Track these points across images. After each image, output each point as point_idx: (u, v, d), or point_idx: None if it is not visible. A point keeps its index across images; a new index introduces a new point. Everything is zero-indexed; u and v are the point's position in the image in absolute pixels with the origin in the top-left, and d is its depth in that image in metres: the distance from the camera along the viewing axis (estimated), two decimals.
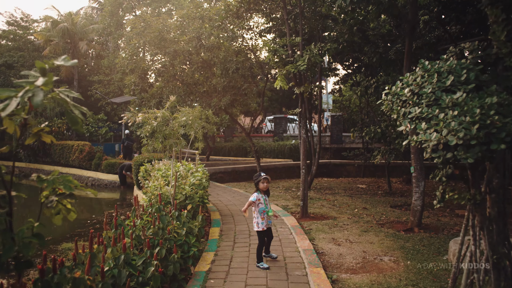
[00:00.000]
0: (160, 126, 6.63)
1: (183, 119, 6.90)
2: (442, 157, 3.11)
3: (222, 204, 10.98)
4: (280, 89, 9.31)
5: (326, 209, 10.85)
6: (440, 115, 3.25)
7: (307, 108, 10.01)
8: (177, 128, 6.96)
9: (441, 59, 3.91)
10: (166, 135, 6.69)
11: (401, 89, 3.82)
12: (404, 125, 3.54)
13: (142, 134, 6.79)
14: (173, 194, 6.93)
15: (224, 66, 15.12)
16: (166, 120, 6.85)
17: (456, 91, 3.44)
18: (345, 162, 20.99)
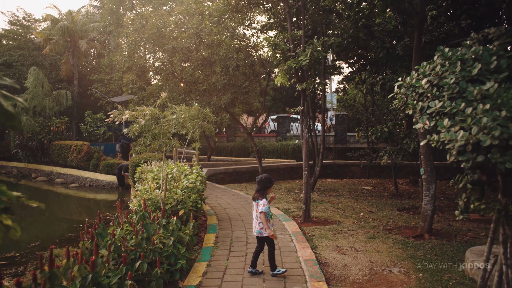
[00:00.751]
0: (148, 125, 6.09)
1: (173, 117, 6.35)
2: (471, 160, 2.54)
3: (220, 208, 10.44)
4: (283, 88, 8.82)
5: (330, 212, 10.29)
6: (467, 109, 2.68)
7: (309, 106, 9.44)
8: (168, 127, 6.42)
9: (464, 45, 3.33)
10: (156, 134, 6.15)
11: (417, 80, 3.26)
12: (422, 122, 2.98)
13: (130, 133, 6.26)
14: (163, 198, 6.39)
15: (224, 64, 14.58)
16: (156, 118, 6.31)
17: (485, 81, 2.87)
18: (350, 163, 20.40)
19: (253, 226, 5.60)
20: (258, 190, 5.58)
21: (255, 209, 5.55)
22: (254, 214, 5.59)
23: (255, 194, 5.59)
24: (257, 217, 5.50)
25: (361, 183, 17.28)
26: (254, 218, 5.59)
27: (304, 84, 8.94)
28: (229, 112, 16.03)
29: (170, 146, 6.40)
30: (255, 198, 5.56)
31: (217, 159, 25.04)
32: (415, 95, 3.20)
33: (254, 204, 5.58)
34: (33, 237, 11.01)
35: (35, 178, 24.27)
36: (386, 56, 10.72)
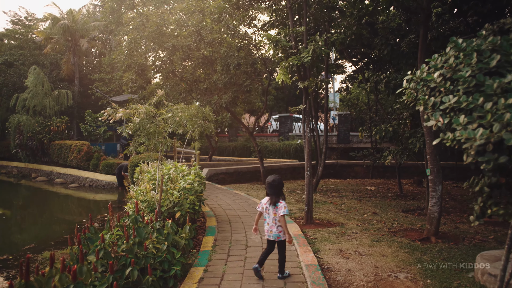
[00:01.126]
0: (143, 124, 5.82)
1: (169, 115, 6.08)
2: (492, 161, 2.27)
3: (220, 209, 10.17)
4: (286, 87, 8.57)
5: (332, 214, 10.01)
6: (486, 104, 2.41)
7: (312, 104, 9.17)
8: (164, 125, 6.15)
9: (479, 36, 3.05)
10: (150, 133, 5.88)
11: (428, 73, 2.98)
12: (435, 119, 2.70)
13: (124, 132, 6.00)
14: (159, 200, 6.13)
15: (225, 62, 14.30)
16: (151, 116, 6.04)
17: (505, 73, 2.59)
18: (353, 163, 20.11)
19: (267, 230, 5.41)
20: (274, 194, 5.39)
21: (272, 213, 5.34)
22: (269, 219, 5.38)
23: (273, 198, 5.37)
24: (274, 221, 5.33)
25: (365, 183, 17.00)
26: (269, 222, 5.39)
27: (306, 82, 8.67)
28: (230, 111, 15.76)
29: (166, 145, 6.14)
30: (274, 202, 5.35)
31: (219, 159, 24.79)
32: (426, 89, 2.93)
33: (271, 208, 5.36)
34: (29, 239, 10.78)
35: (35, 178, 24.07)
36: (391, 53, 10.43)
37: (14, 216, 14.96)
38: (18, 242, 10.28)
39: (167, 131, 6.30)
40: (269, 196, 5.42)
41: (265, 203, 5.45)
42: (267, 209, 5.40)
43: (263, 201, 5.53)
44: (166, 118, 6.04)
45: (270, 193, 5.40)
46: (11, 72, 30.07)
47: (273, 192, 5.38)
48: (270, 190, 5.40)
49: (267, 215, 5.40)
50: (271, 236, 5.35)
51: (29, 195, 20.18)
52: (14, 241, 10.87)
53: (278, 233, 5.31)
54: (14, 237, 11.43)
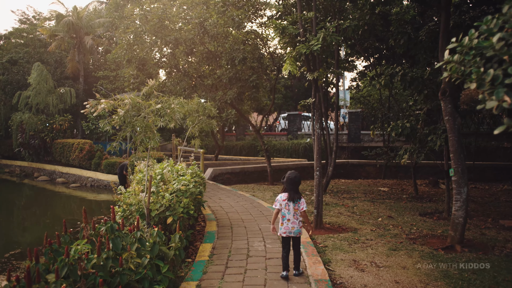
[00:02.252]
0: (128, 117, 5.09)
1: (157, 106, 5.34)
2: None
3: (223, 212, 9.42)
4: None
5: (344, 217, 9.22)
6: None
7: (322, 98, 8.38)
8: (154, 119, 5.41)
9: None
10: (137, 127, 5.15)
11: (482, 40, 2.19)
12: (497, 97, 1.92)
13: (107, 127, 5.28)
14: (147, 204, 5.39)
15: (230, 56, 13.57)
16: (138, 108, 5.30)
17: None
18: (364, 162, 19.27)
19: (288, 227, 5.25)
20: (293, 190, 5.33)
21: (293, 209, 5.27)
22: (290, 215, 5.26)
23: (292, 194, 5.30)
24: (296, 216, 5.27)
25: (377, 184, 16.16)
26: (289, 218, 5.26)
27: (315, 73, 7.89)
28: (235, 107, 15.01)
29: (155, 141, 5.39)
30: (294, 199, 5.28)
31: (225, 158, 24.08)
32: (480, 60, 2.15)
33: (292, 204, 5.28)
34: (16, 242, 10.13)
35: (37, 177, 23.53)
36: (407, 43, 9.60)
37: (7, 218, 14.40)
38: (5, 246, 9.61)
39: (158, 125, 5.56)
40: (288, 192, 5.32)
41: (284, 200, 5.31)
42: (287, 206, 5.29)
43: (280, 198, 5.36)
44: (155, 109, 5.29)
45: (290, 189, 5.33)
46: (15, 70, 29.61)
47: (292, 188, 5.32)
48: (290, 186, 5.33)
49: (287, 211, 5.28)
50: (292, 233, 5.26)
51: (27, 195, 19.64)
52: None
53: (299, 228, 5.30)
54: (0, 241, 10.78)
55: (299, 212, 5.27)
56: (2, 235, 11.58)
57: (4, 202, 17.60)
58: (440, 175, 16.37)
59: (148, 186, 5.31)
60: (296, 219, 5.25)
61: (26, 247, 9.35)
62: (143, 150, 5.69)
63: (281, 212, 5.31)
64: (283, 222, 5.27)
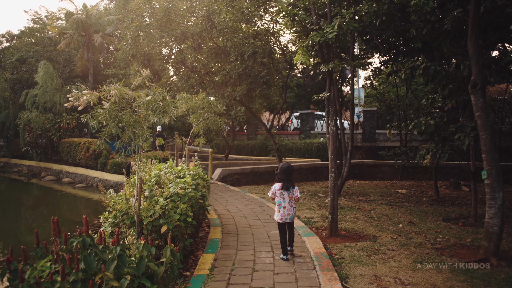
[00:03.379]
0: (114, 110, 4.41)
1: (147, 98, 4.64)
2: None
3: (229, 216, 8.72)
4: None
5: (361, 223, 8.45)
6: None
7: (336, 93, 7.63)
8: (146, 113, 4.72)
9: None
10: (124, 123, 4.47)
11: None
12: None
13: (92, 122, 4.62)
14: (137, 211, 4.71)
15: (239, 50, 12.87)
16: (127, 101, 4.63)
17: None
18: (380, 163, 18.44)
19: (284, 214, 5.79)
20: (287, 179, 5.81)
21: (288, 197, 5.80)
22: (285, 202, 5.80)
23: (286, 183, 5.79)
24: (291, 203, 5.82)
25: (394, 185, 15.32)
26: (285, 206, 5.79)
27: (330, 64, 7.15)
28: (245, 105, 14.31)
29: (144, 137, 4.71)
30: (287, 187, 5.79)
31: (236, 158, 23.41)
32: None
33: (287, 193, 5.80)
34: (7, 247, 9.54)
35: (44, 177, 23.10)
36: (431, 33, 8.78)
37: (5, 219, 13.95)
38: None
39: (151, 120, 4.87)
40: (282, 182, 5.80)
41: (279, 189, 5.82)
42: (282, 194, 5.80)
43: (274, 188, 5.88)
44: (145, 102, 4.60)
45: (284, 179, 5.80)
46: (24, 69, 29.32)
47: (286, 177, 5.80)
48: (284, 176, 5.80)
49: (282, 200, 5.80)
50: (288, 219, 5.81)
51: (30, 195, 19.18)
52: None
53: (294, 214, 5.88)
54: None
55: (294, 199, 5.83)
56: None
57: (7, 201, 17.16)
58: (461, 177, 15.48)
59: (138, 191, 4.63)
60: (291, 206, 5.81)
61: (15, 252, 8.77)
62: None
63: (276, 200, 5.84)
64: (280, 209, 5.80)
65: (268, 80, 13.36)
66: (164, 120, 4.89)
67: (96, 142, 4.95)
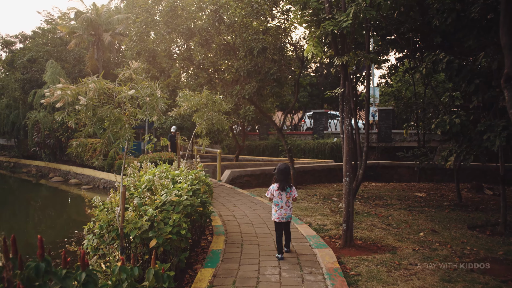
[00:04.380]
0: (92, 107, 3.79)
1: (130, 92, 4.01)
2: None
3: (235, 223, 8.07)
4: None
5: (378, 231, 7.74)
6: None
7: (351, 89, 6.92)
8: (132, 110, 4.09)
9: None
10: (102, 120, 3.85)
11: None
12: None
13: (67, 119, 4.01)
14: (121, 223, 4.08)
15: (248, 46, 12.21)
16: (109, 96, 4.00)
17: None
18: (396, 164, 17.65)
19: (280, 214, 5.85)
20: (283, 180, 5.86)
21: (285, 197, 5.86)
22: (282, 202, 5.87)
23: (282, 184, 5.84)
24: (288, 203, 5.89)
25: (412, 188, 14.53)
26: (282, 206, 5.87)
27: (345, 56, 6.45)
28: (254, 103, 13.63)
29: (126, 137, 4.09)
30: (284, 188, 5.85)
31: (247, 159, 22.78)
32: None
33: (284, 193, 5.86)
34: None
35: (52, 178, 22.73)
36: (455, 23, 8.03)
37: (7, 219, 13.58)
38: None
39: (139, 118, 4.24)
40: (279, 183, 5.86)
41: (276, 190, 5.88)
42: (280, 195, 5.87)
43: (272, 189, 5.95)
44: (127, 96, 3.97)
45: (281, 179, 5.86)
46: (34, 68, 29.12)
47: (283, 178, 5.87)
48: (281, 177, 5.87)
49: (280, 200, 5.87)
50: (284, 219, 5.86)
51: (35, 197, 18.75)
52: None
53: (290, 214, 5.94)
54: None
55: (291, 199, 5.93)
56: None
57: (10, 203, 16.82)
58: (484, 179, 14.62)
59: (121, 200, 4.00)
60: (288, 206, 5.89)
61: None
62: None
63: (274, 200, 5.92)
64: (277, 209, 5.88)
65: (278, 78, 12.67)
66: (152, 119, 4.25)
67: (72, 144, 4.32)
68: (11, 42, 38.60)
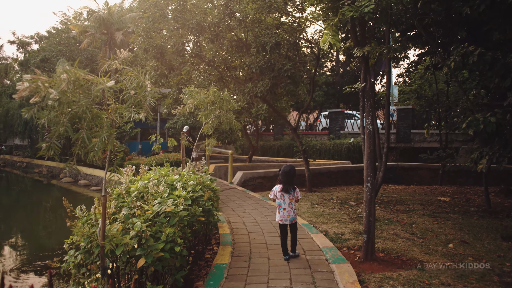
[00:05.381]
0: (67, 102, 3.16)
1: (108, 84, 3.35)
2: None
3: (244, 231, 7.40)
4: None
5: (402, 242, 6.99)
6: None
7: (373, 83, 6.19)
8: (116, 106, 3.45)
9: None
10: (80, 117, 3.22)
11: None
12: None
13: (37, 116, 3.39)
14: (101, 239, 3.45)
15: (260, 41, 11.53)
16: (87, 89, 3.36)
17: None
18: (416, 165, 16.78)
19: (283, 215, 5.78)
20: (288, 182, 5.80)
21: (288, 199, 5.77)
22: (285, 204, 5.77)
23: (286, 186, 5.77)
24: (291, 205, 5.78)
25: (434, 192, 13.65)
26: (285, 207, 5.77)
27: (366, 47, 5.73)
28: (267, 102, 12.95)
29: (106, 138, 3.45)
30: (288, 190, 5.77)
31: (260, 160, 22.11)
32: None
33: (287, 195, 5.77)
34: None
35: (62, 178, 22.38)
36: (490, 10, 7.24)
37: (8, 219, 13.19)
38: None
39: (126, 115, 3.60)
40: (283, 184, 5.80)
41: (279, 191, 5.82)
42: (283, 196, 5.79)
43: (275, 190, 5.90)
44: (106, 88, 3.32)
45: (285, 181, 5.79)
46: (47, 68, 28.85)
47: (288, 180, 5.80)
48: (285, 179, 5.78)
49: (283, 201, 5.79)
50: (287, 221, 5.77)
51: (43, 199, 18.35)
52: None
53: (294, 215, 5.82)
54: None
55: (294, 200, 5.83)
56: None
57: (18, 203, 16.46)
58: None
59: (102, 213, 3.36)
60: (291, 208, 5.78)
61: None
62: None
63: (277, 202, 5.86)
64: (280, 211, 5.81)
65: (293, 75, 11.96)
66: (139, 116, 3.61)
67: (42, 145, 3.71)
68: (27, 43, 38.67)
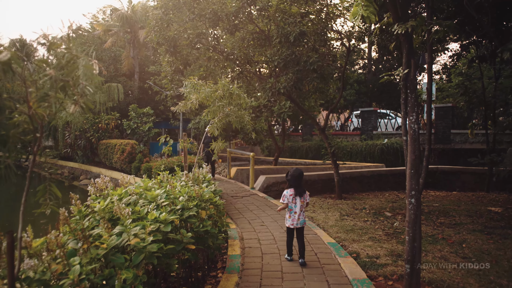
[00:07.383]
0: None
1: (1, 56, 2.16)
2: None
3: (258, 251, 6.14)
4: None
5: (453, 270, 5.58)
6: None
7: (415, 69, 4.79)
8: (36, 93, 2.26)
9: None
10: None
11: None
12: None
13: None
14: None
15: (283, 31, 10.26)
16: None
17: None
18: (458, 169, 15.15)
19: (294, 219, 5.68)
20: (299, 185, 5.78)
21: (299, 202, 5.71)
22: (297, 208, 5.70)
23: (298, 190, 5.74)
24: (302, 208, 5.72)
25: (482, 200, 12.01)
26: (296, 211, 5.69)
27: (410, 22, 4.39)
28: (291, 98, 11.65)
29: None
30: (300, 193, 5.74)
31: (287, 162, 20.83)
32: None
33: (299, 198, 5.72)
34: None
35: (81, 180, 21.74)
36: None
37: None
38: None
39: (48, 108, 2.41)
40: (294, 188, 5.76)
41: (291, 195, 5.74)
42: (294, 200, 5.73)
43: (287, 194, 5.77)
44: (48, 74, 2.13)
45: (295, 185, 5.77)
46: None
47: (298, 183, 5.78)
48: (296, 182, 5.77)
49: (294, 205, 5.72)
50: (298, 224, 5.68)
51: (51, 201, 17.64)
52: None
53: (304, 218, 5.78)
54: None
55: (305, 204, 5.78)
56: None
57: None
58: None
59: (7, 250, 2.17)
60: (301, 211, 5.73)
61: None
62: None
63: (288, 206, 5.72)
64: (291, 215, 5.72)
65: (320, 69, 10.63)
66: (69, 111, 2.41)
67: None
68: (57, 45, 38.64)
